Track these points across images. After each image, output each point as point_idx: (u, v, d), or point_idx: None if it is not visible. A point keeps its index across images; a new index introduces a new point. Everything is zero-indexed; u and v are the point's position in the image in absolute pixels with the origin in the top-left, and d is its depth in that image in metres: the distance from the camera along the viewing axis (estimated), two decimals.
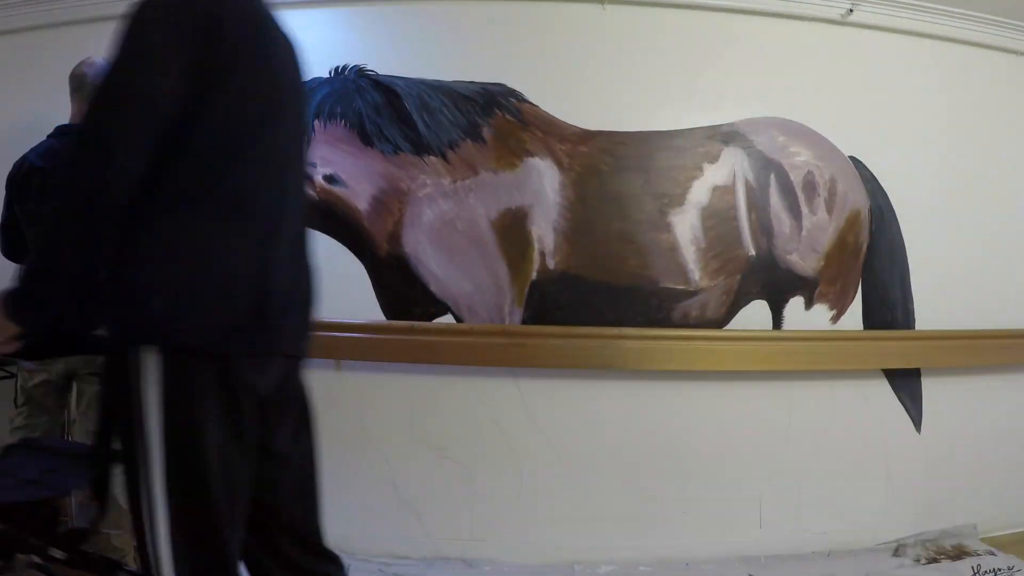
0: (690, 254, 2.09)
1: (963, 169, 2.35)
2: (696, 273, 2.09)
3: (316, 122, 2.07)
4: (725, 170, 2.13)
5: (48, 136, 1.76)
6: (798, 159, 2.19)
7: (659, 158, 2.11)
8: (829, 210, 2.20)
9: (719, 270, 2.11)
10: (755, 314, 2.15)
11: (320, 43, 2.13)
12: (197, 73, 0.81)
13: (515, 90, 2.09)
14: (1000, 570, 2.03)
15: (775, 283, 2.16)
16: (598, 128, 2.09)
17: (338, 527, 2.09)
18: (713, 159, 2.13)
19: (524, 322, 2.06)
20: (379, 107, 2.07)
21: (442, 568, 2.02)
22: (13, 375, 2.22)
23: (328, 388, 2.10)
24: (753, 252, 2.13)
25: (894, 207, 2.26)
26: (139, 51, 0.79)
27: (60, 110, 2.21)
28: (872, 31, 2.28)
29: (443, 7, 2.13)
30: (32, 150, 1.71)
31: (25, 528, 1.25)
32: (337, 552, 2.07)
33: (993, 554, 2.15)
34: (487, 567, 2.02)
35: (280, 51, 0.99)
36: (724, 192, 2.13)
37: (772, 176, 2.16)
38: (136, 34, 0.80)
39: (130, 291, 0.82)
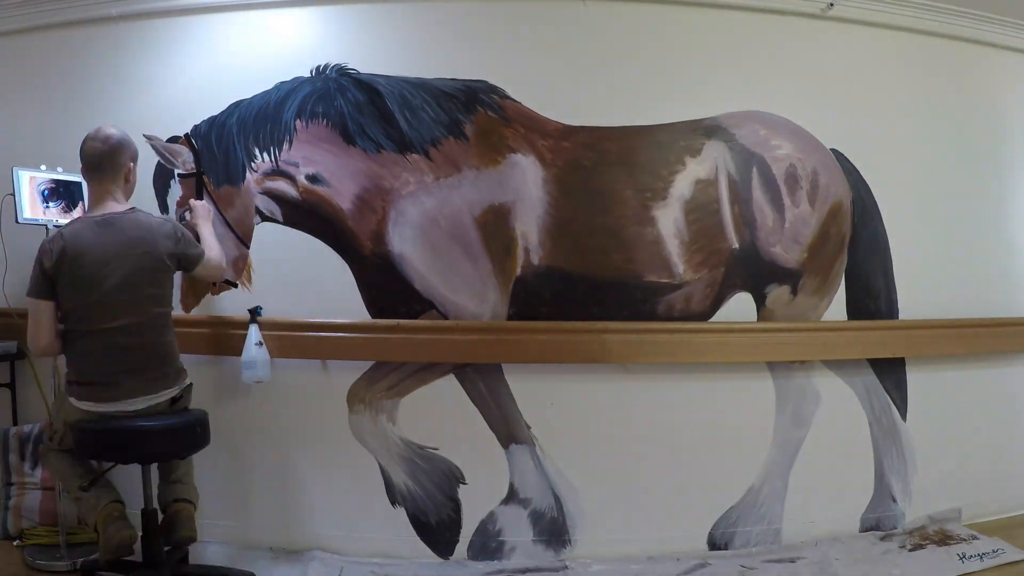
0: (674, 247, 2.10)
1: (943, 160, 2.38)
2: (680, 266, 2.10)
3: (298, 122, 2.07)
4: (707, 164, 2.14)
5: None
6: (780, 152, 2.20)
7: (642, 152, 2.12)
8: (811, 202, 2.21)
9: (703, 263, 2.12)
10: (739, 306, 2.16)
11: (301, 42, 2.13)
12: None
13: (497, 87, 2.09)
14: (986, 553, 2.06)
15: (759, 275, 2.17)
16: (580, 123, 2.10)
17: (331, 527, 2.12)
18: (695, 153, 2.14)
19: (509, 318, 2.06)
20: (361, 106, 2.06)
21: (435, 569, 2.02)
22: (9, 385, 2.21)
23: (315, 388, 2.11)
24: (736, 245, 2.15)
25: (876, 198, 2.29)
26: None
27: (51, 111, 2.21)
28: (852, 25, 2.31)
29: (424, 5, 2.12)
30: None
31: None
32: (331, 552, 2.09)
33: (977, 538, 2.18)
34: (480, 566, 2.03)
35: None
36: (707, 185, 2.14)
37: (754, 169, 2.17)
38: None
39: None
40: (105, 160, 1.73)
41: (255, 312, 2.04)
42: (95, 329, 1.66)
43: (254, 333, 2.00)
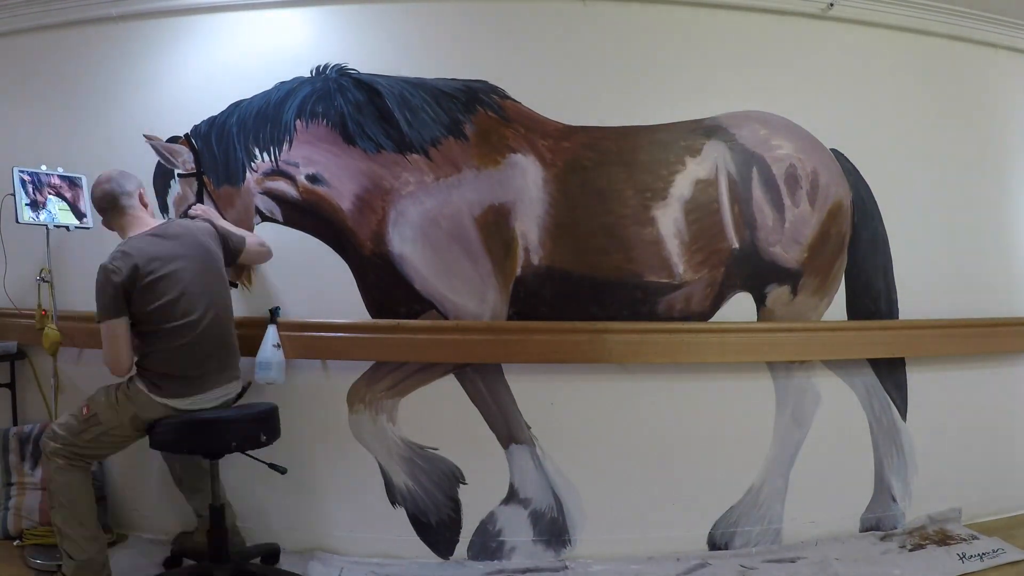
0: (674, 247, 2.10)
1: (943, 161, 2.38)
2: (680, 266, 2.10)
3: (298, 122, 2.07)
4: (708, 163, 2.14)
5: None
6: (780, 152, 2.20)
7: (642, 152, 2.11)
8: (812, 202, 2.21)
9: (703, 263, 2.12)
10: (739, 306, 2.16)
11: (301, 42, 2.13)
12: None
13: (497, 87, 2.09)
14: (986, 553, 2.06)
15: (759, 275, 2.17)
16: (580, 123, 2.10)
17: (331, 528, 2.12)
18: (695, 153, 2.14)
19: (510, 318, 2.06)
20: (361, 106, 2.06)
21: (435, 569, 2.02)
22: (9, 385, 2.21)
23: (316, 388, 2.11)
24: (736, 244, 2.15)
25: (876, 199, 2.29)
26: None
27: (50, 111, 2.21)
28: (852, 25, 2.31)
29: (424, 5, 2.12)
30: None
31: None
32: (330, 552, 2.10)
33: (977, 538, 2.18)
34: (480, 566, 2.03)
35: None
36: (707, 185, 2.14)
37: (754, 169, 2.17)
38: None
39: None
40: (115, 194, 1.79)
41: (274, 313, 2.03)
42: (180, 323, 1.71)
43: (272, 334, 1.99)
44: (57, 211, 1.97)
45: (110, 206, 1.80)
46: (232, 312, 1.88)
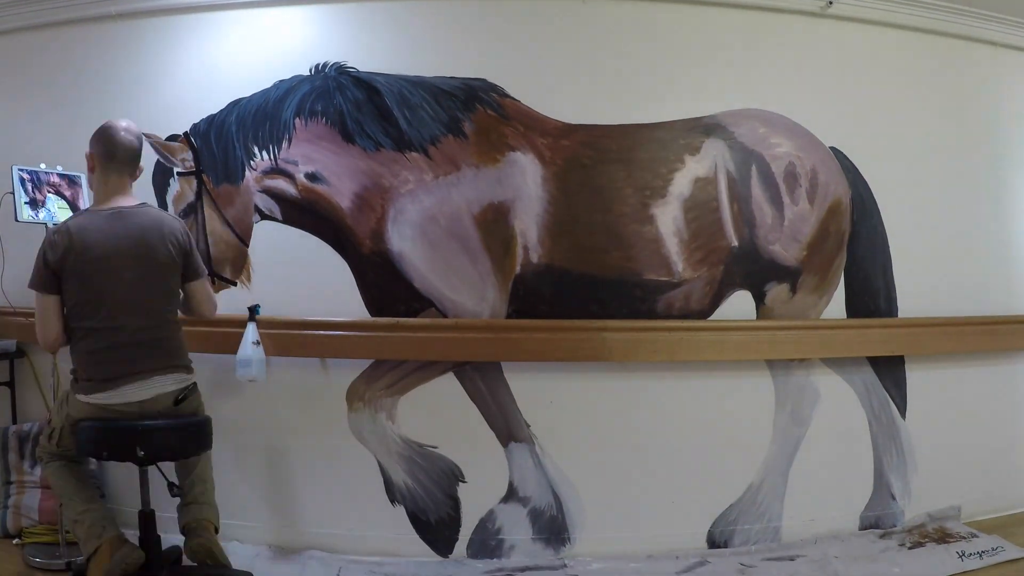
0: (673, 245, 2.10)
1: (943, 159, 2.38)
2: (679, 264, 2.10)
3: (297, 120, 2.07)
4: (707, 162, 2.14)
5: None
6: (779, 150, 2.20)
7: (641, 151, 2.11)
8: (811, 200, 2.21)
9: (702, 261, 2.12)
10: (739, 304, 2.16)
11: (300, 40, 2.13)
12: None
13: (496, 85, 2.09)
14: (985, 551, 2.06)
15: (758, 273, 2.17)
16: (580, 122, 2.10)
17: (329, 526, 2.12)
18: (695, 151, 2.14)
19: (509, 316, 2.06)
20: (360, 104, 2.06)
21: (434, 568, 2.02)
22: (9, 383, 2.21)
23: (314, 386, 2.11)
24: (735, 243, 2.15)
25: (875, 197, 2.29)
26: None
27: (50, 110, 2.21)
28: (851, 23, 2.31)
29: (424, 3, 2.12)
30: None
31: None
32: (329, 551, 2.09)
33: (976, 536, 2.18)
34: (479, 564, 2.03)
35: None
36: (706, 183, 2.14)
37: (753, 167, 2.17)
38: None
39: None
40: (136, 155, 1.72)
41: (254, 310, 2.03)
42: (101, 327, 1.60)
43: (251, 331, 2.00)
44: (56, 209, 1.97)
45: (124, 160, 1.68)
46: (173, 318, 1.73)
